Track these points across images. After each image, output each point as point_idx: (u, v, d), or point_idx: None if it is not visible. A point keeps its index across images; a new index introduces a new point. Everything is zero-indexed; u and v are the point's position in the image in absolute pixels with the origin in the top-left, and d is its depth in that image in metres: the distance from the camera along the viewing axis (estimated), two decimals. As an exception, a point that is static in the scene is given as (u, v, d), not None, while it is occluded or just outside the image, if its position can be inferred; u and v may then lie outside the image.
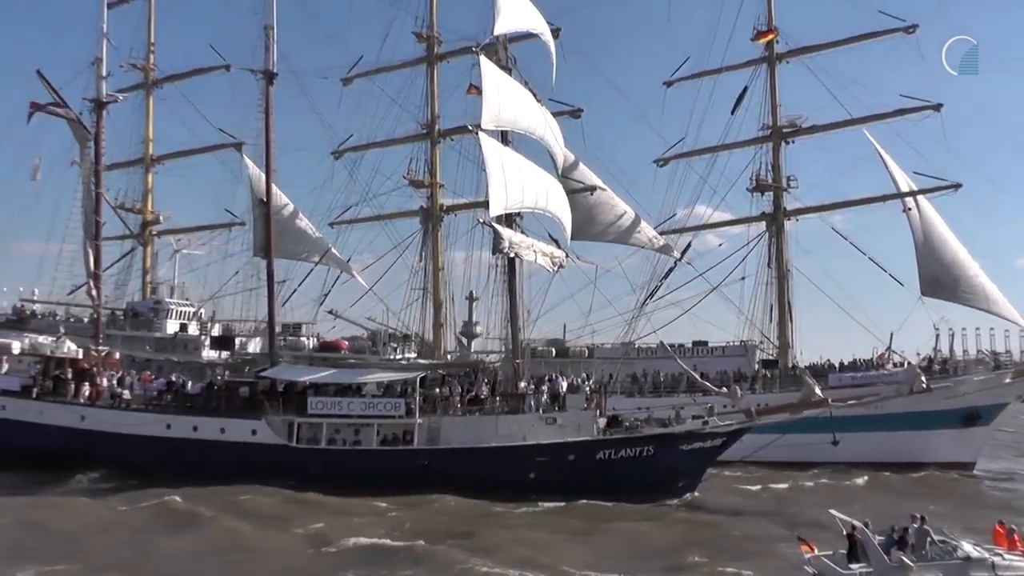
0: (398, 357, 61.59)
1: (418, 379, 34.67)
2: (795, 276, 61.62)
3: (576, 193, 53.34)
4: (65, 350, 39.26)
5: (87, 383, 37.39)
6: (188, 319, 66.39)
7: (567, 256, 38.52)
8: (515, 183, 34.70)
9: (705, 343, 65.32)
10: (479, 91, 36.51)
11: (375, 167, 57.74)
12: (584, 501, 31.82)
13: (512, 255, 35.84)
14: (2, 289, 71.34)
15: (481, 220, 36.01)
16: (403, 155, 57.02)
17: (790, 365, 59.60)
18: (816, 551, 18.62)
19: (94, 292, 40.71)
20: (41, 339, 39.57)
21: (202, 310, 68.22)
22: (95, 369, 38.13)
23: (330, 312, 70.85)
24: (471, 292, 72.53)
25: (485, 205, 59.25)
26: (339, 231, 59.96)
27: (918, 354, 62.65)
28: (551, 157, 38.87)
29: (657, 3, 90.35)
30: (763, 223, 62.35)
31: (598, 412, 34.29)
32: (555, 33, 52.17)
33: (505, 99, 34.95)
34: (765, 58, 62.40)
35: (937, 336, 71.75)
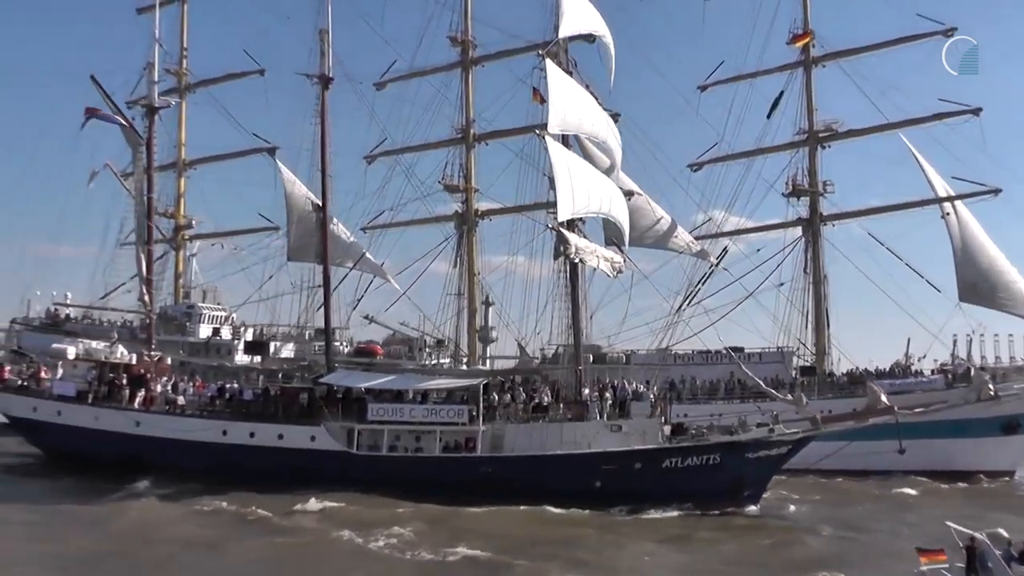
0: (434, 362, 61.62)
1: (481, 386, 34.18)
2: (831, 281, 61.36)
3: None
4: (118, 356, 38.90)
5: (141, 389, 36.91)
6: (220, 323, 66.19)
7: (624, 261, 37.99)
8: (581, 188, 34.32)
9: (741, 349, 64.53)
10: (541, 96, 36.19)
11: (409, 172, 57.42)
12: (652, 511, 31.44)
13: (577, 260, 35.43)
14: (35, 293, 71.20)
15: (549, 225, 35.53)
16: (437, 159, 56.82)
17: (827, 372, 59.16)
18: (944, 560, 18.03)
19: (146, 297, 40.35)
20: (94, 344, 39.26)
21: (233, 314, 68.02)
22: (149, 375, 37.72)
23: (366, 318, 70.99)
24: (487, 296, 72.42)
25: (520, 210, 59.72)
26: (372, 236, 59.58)
27: (935, 360, 62.71)
28: (611, 161, 38.44)
29: (691, 7, 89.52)
30: (799, 228, 61.93)
31: (663, 419, 33.81)
32: (591, 38, 52.29)
33: (570, 103, 34.59)
34: (801, 62, 61.86)
35: (955, 342, 71.69)
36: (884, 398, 33.91)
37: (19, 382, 39.01)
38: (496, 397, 34.62)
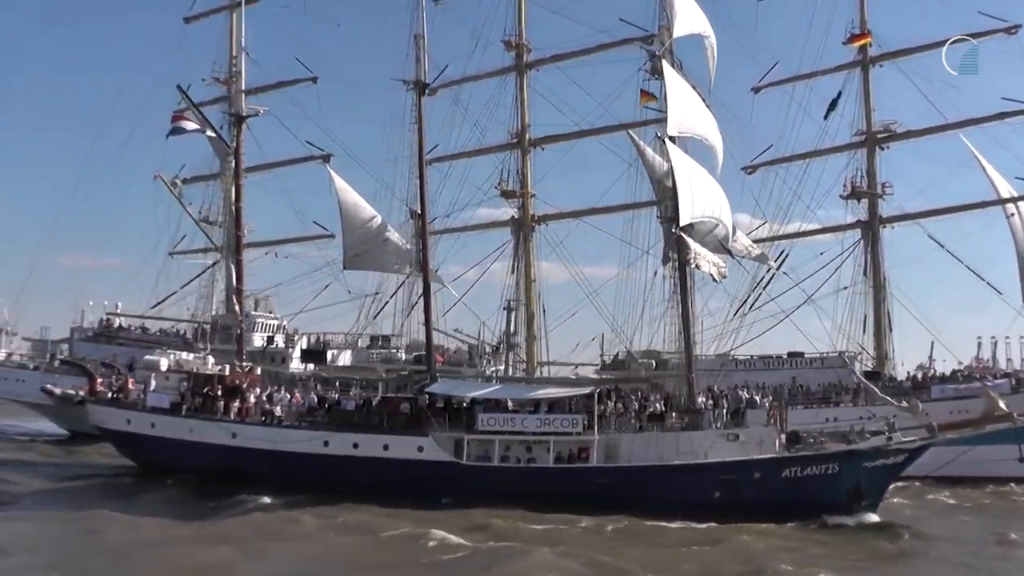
0: (495, 369, 61.03)
1: (596, 394, 33.50)
2: (892, 285, 60.70)
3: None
4: (209, 367, 38.30)
5: (236, 400, 36.29)
6: (274, 331, 65.61)
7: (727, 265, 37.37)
8: (699, 192, 33.78)
9: (801, 354, 63.76)
10: (650, 96, 35.65)
11: (462, 177, 56.91)
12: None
13: (695, 265, 34.83)
14: (88, 303, 70.90)
15: (675, 230, 34.82)
16: (491, 165, 56.34)
17: (889, 376, 58.43)
18: None
19: (236, 307, 39.72)
20: (185, 356, 38.66)
21: (285, 322, 67.43)
22: (244, 386, 37.09)
23: (421, 327, 70.46)
24: (508, 302, 71.69)
25: (577, 215, 59.14)
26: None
27: (959, 363, 62.15)
28: (714, 163, 37.91)
29: (744, 8, 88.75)
30: (857, 231, 61.33)
31: (779, 427, 33.12)
32: (647, 39, 51.70)
33: (687, 104, 34.05)
34: (858, 62, 61.38)
35: (979, 345, 71.10)
36: (1002, 404, 33.16)
37: (109, 394, 38.29)
38: (607, 405, 33.90)
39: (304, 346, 65.47)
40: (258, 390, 37.61)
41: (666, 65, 34.03)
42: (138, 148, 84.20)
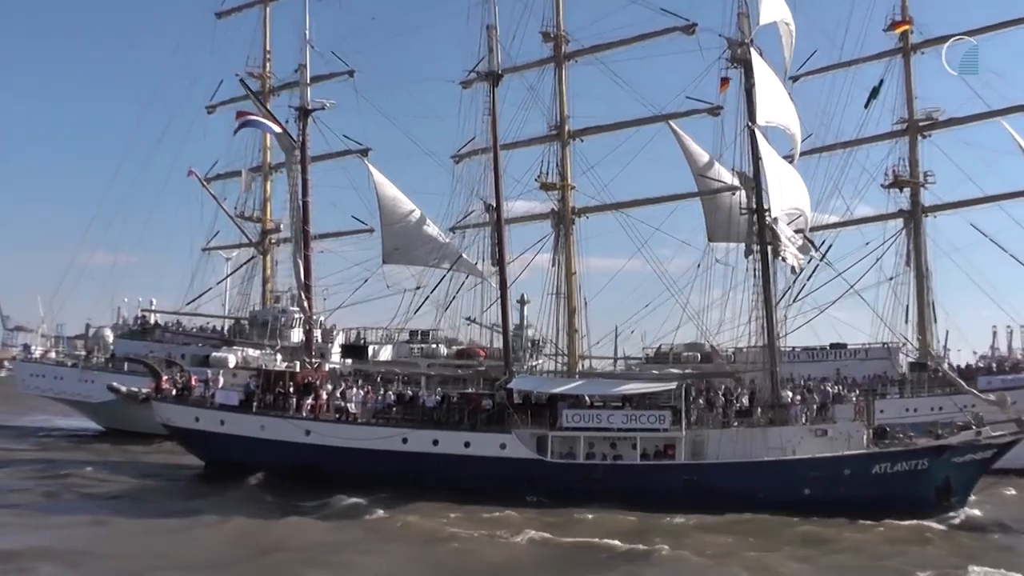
0: (535, 364, 60.54)
1: (683, 390, 32.95)
2: (935, 274, 60.10)
3: (718, 193, 51.89)
4: (276, 363, 37.76)
5: (308, 397, 35.73)
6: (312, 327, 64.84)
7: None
8: (787, 183, 33.25)
9: (844, 345, 63.16)
10: (728, 84, 35.03)
11: (502, 170, 56.11)
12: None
13: (780, 257, 34.31)
14: (123, 300, 70.47)
15: (771, 220, 34.23)
16: (528, 157, 55.52)
17: (933, 368, 57.74)
18: None
19: (305, 304, 39.14)
20: (252, 352, 38.10)
21: (322, 317, 66.70)
22: (318, 382, 36.54)
23: (468, 319, 69.88)
24: (522, 296, 71.11)
25: (618, 207, 58.46)
26: (460, 236, 58.28)
27: (974, 352, 61.71)
28: (792, 152, 37.31)
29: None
30: (900, 220, 60.67)
31: (867, 422, 32.55)
32: (690, 29, 51.00)
33: (775, 94, 33.47)
34: (899, 49, 60.61)
35: (995, 334, 70.55)
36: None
37: (174, 391, 37.75)
38: (692, 401, 33.37)
39: (342, 341, 64.79)
40: (330, 386, 36.96)
41: (755, 53, 33.39)
42: (171, 145, 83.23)
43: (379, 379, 42.52)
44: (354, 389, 36.96)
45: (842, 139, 60.87)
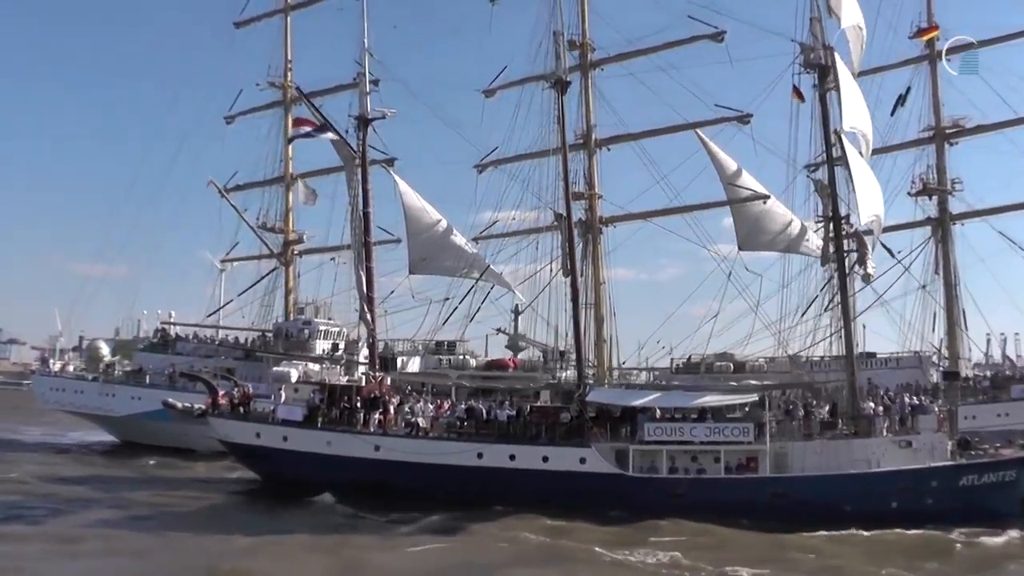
0: (564, 375, 59.86)
1: (767, 402, 32.35)
2: (963, 282, 59.91)
3: (746, 202, 51.58)
4: (342, 378, 36.88)
5: (376, 411, 34.87)
6: (336, 338, 64.05)
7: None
8: (873, 189, 32.82)
9: (874, 355, 62.84)
10: (800, 94, 34.60)
11: (526, 180, 55.50)
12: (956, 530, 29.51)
13: (863, 266, 33.86)
14: (142, 312, 69.52)
15: (862, 230, 33.78)
16: (554, 167, 55.03)
17: (963, 376, 57.53)
18: None
19: (368, 317, 38.24)
20: (312, 367, 37.21)
21: (344, 329, 65.84)
22: (386, 396, 35.66)
23: (498, 330, 69.34)
24: (516, 305, 70.57)
25: (646, 216, 57.91)
26: (482, 246, 57.64)
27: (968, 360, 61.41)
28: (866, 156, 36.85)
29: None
30: (928, 228, 60.46)
31: (950, 433, 32.08)
32: (719, 37, 50.60)
33: (857, 99, 33.05)
34: (926, 56, 60.53)
35: (988, 342, 70.55)
36: None
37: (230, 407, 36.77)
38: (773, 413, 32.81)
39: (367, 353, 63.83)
40: (397, 400, 36.11)
41: (838, 58, 32.97)
42: (189, 155, 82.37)
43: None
44: (422, 402, 36.09)
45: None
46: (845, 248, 34.96)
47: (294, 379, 36.35)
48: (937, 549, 27.72)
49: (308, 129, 38.30)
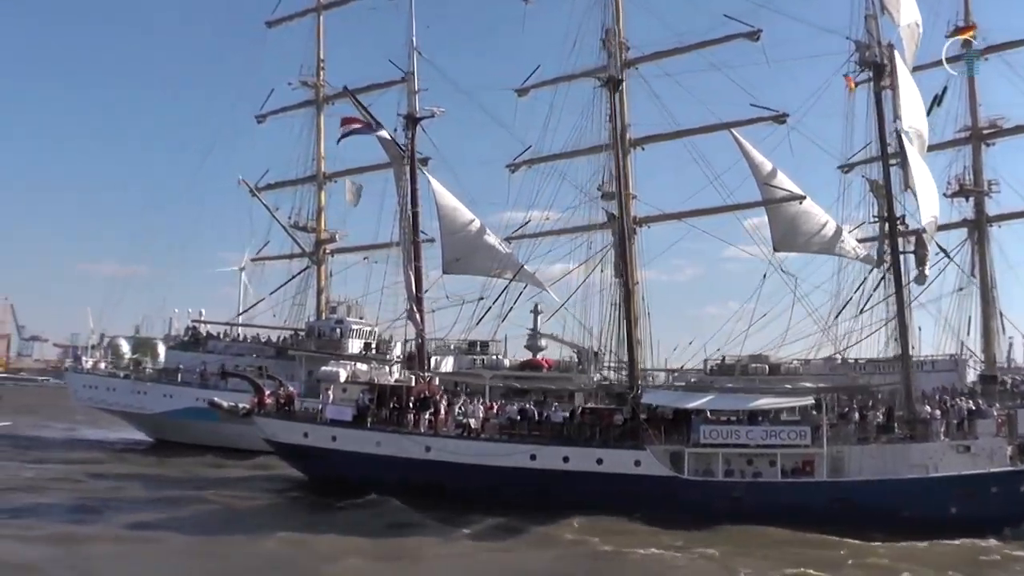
0: (601, 375, 59.52)
1: (824, 405, 32.00)
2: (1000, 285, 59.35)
3: (782, 202, 51.13)
4: (390, 378, 36.71)
5: (427, 412, 34.67)
6: (368, 338, 63.92)
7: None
8: (933, 191, 32.49)
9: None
10: (853, 84, 34.25)
11: (559, 179, 55.16)
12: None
13: (920, 269, 33.54)
14: (173, 311, 69.63)
15: (919, 229, 33.42)
16: (587, 166, 54.63)
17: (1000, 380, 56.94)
18: None
19: (417, 317, 38.03)
20: (361, 367, 37.04)
21: (375, 328, 65.69)
22: (438, 397, 35.47)
23: (531, 330, 69.03)
24: (535, 305, 70.22)
25: (681, 216, 57.48)
26: (515, 246, 57.34)
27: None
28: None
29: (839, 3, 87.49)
30: (964, 230, 59.89)
31: (1009, 437, 31.63)
32: (754, 36, 50.17)
33: (915, 98, 32.70)
34: (962, 55, 59.86)
35: (1011, 346, 69.73)
36: None
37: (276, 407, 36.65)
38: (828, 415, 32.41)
39: (399, 352, 63.70)
40: (446, 401, 35.91)
41: (897, 57, 32.59)
42: (219, 154, 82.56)
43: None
44: (475, 403, 35.89)
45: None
46: (900, 249, 34.39)
47: (342, 379, 36.11)
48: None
49: (356, 127, 37.97)
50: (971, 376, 58.76)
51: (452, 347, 64.21)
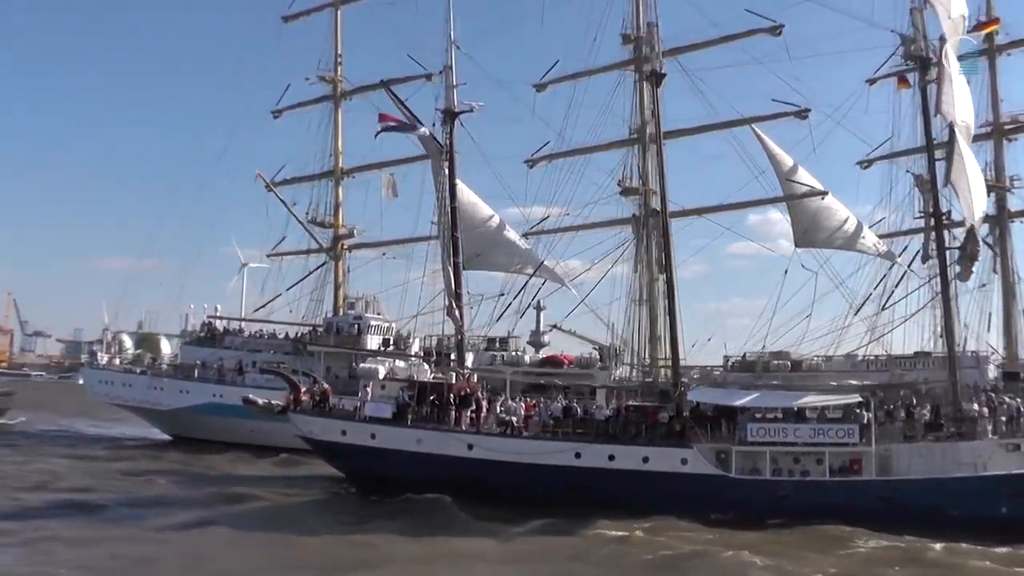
0: (619, 372, 59.25)
1: (872, 403, 31.68)
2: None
3: (804, 197, 50.94)
4: (428, 375, 36.35)
5: (468, 409, 34.32)
6: (386, 334, 63.53)
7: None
8: (982, 187, 32.22)
9: (928, 354, 61.80)
10: (906, 82, 33.93)
11: (578, 175, 54.86)
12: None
13: (971, 265, 33.24)
14: (188, 306, 69.02)
15: (973, 225, 33.07)
16: (606, 162, 54.41)
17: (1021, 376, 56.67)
18: None
19: (456, 313, 37.63)
20: (400, 364, 36.66)
21: (393, 324, 65.32)
22: (479, 394, 35.11)
23: (552, 326, 68.73)
24: (539, 302, 69.93)
25: (702, 212, 57.17)
26: (532, 241, 57.00)
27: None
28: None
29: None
30: (985, 226, 59.61)
31: (1052, 436, 31.33)
32: (776, 31, 49.91)
33: (963, 91, 32.38)
34: (984, 50, 59.51)
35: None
36: None
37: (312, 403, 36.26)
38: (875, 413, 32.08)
39: (417, 348, 63.32)
40: (487, 399, 35.55)
41: (950, 52, 32.23)
42: (236, 149, 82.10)
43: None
44: (516, 401, 35.56)
45: (919, 144, 60.13)
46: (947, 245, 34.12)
47: (381, 375, 35.73)
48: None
49: (393, 124, 37.54)
50: (992, 372, 58.59)
51: (470, 344, 63.91)
